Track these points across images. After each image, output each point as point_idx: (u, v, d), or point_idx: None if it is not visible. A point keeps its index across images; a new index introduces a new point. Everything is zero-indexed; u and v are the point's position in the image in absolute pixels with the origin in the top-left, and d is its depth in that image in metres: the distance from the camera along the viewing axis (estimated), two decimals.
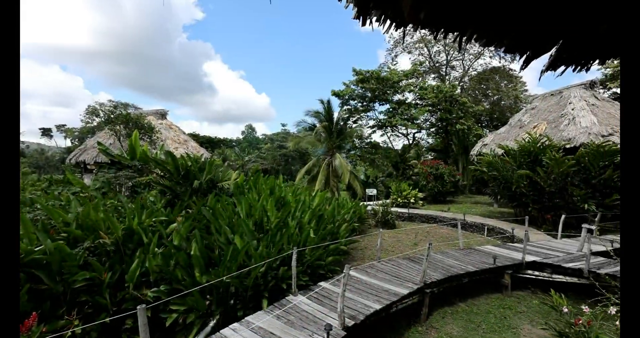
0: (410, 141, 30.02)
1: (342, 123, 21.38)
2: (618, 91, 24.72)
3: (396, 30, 1.42)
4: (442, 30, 1.40)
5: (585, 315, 4.29)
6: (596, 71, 27.22)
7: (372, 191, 19.79)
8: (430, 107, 27.20)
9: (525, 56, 1.44)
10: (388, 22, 1.40)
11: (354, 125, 28.30)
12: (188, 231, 5.91)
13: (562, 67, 1.45)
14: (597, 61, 1.41)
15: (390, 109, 26.83)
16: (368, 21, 1.42)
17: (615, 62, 24.03)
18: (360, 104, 27.87)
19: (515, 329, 5.74)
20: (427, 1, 1.29)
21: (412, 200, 17.36)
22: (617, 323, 3.80)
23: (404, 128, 27.95)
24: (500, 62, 31.61)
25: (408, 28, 1.42)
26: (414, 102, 27.73)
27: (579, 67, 1.42)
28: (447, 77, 34.12)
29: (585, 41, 1.30)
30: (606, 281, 5.21)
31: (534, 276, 7.25)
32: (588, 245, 6.87)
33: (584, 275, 6.59)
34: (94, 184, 8.32)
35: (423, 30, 1.67)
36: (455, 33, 1.41)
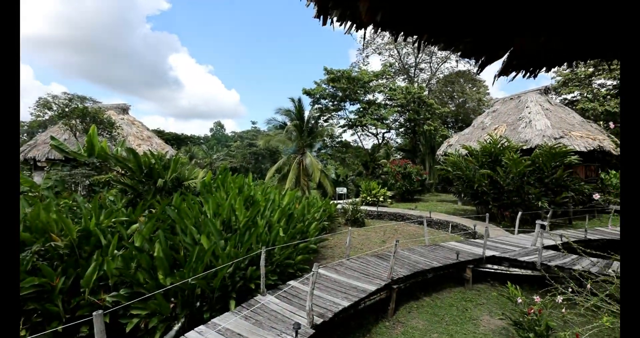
0: (380, 141, 30.76)
1: (313, 122, 21.43)
2: (568, 96, 27.00)
3: (357, 31, 1.43)
4: (402, 33, 1.43)
5: (536, 304, 4.64)
6: (550, 79, 29.52)
7: (342, 190, 20.03)
8: (399, 108, 28.03)
9: (480, 61, 1.52)
10: (349, 22, 1.40)
11: (325, 124, 28.49)
12: (151, 231, 5.62)
13: (514, 73, 1.54)
14: (544, 69, 1.51)
15: (361, 109, 27.31)
16: (329, 21, 1.41)
17: (567, 70, 26.24)
18: (331, 103, 28.10)
19: (475, 320, 6.08)
20: (384, 4, 1.30)
21: (381, 199, 17.80)
22: (564, 310, 4.16)
23: (373, 127, 28.58)
24: (465, 66, 33.30)
25: (369, 30, 1.43)
26: (383, 102, 28.44)
27: (528, 74, 1.52)
28: (415, 79, 35.32)
29: (532, 50, 1.41)
30: (555, 273, 5.67)
31: (493, 270, 7.71)
32: (540, 240, 7.44)
33: (536, 267, 7.11)
34: (46, 182, 7.64)
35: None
36: (415, 36, 1.44)
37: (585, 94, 25.23)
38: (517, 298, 4.96)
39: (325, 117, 28.93)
